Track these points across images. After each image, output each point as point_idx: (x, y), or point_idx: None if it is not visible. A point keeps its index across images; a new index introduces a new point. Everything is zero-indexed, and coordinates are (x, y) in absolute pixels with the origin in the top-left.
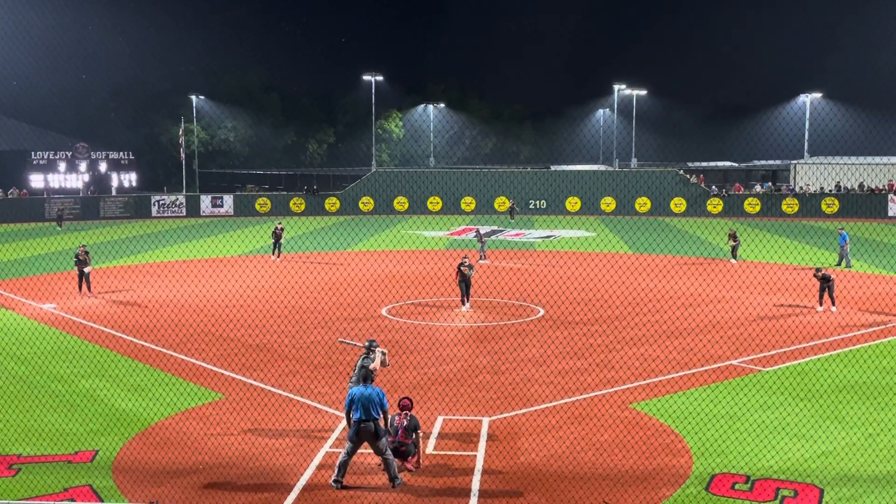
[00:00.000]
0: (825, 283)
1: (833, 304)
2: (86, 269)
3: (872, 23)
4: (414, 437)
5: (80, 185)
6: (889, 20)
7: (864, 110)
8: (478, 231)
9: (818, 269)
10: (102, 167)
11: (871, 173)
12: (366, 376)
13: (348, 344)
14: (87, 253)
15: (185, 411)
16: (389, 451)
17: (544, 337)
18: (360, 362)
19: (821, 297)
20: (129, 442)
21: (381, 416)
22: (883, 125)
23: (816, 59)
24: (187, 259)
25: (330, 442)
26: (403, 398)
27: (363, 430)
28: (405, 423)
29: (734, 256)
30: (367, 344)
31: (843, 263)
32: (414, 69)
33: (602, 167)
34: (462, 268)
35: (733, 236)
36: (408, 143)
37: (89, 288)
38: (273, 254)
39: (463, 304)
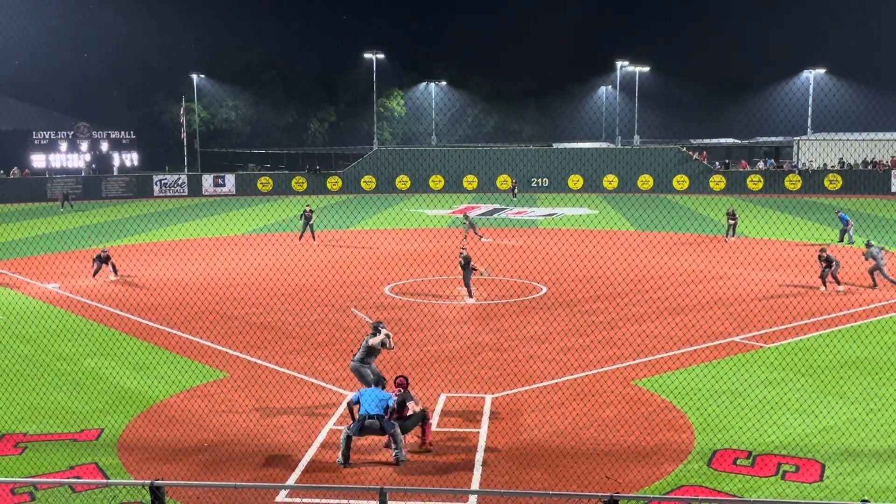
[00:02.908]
0: (827, 266)
1: (838, 283)
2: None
3: None
4: (410, 406)
5: (81, 164)
6: None
7: (868, 86)
8: (466, 215)
9: (823, 250)
10: (104, 147)
11: (875, 149)
12: (369, 352)
13: (359, 315)
14: (108, 257)
15: (190, 390)
16: (396, 427)
17: (547, 314)
18: (366, 341)
19: (823, 279)
20: (134, 420)
21: (385, 414)
22: (887, 101)
23: (820, 34)
24: (190, 238)
25: (334, 419)
26: (399, 376)
27: (368, 427)
28: (398, 400)
29: (733, 234)
30: (374, 323)
31: (846, 239)
32: (415, 47)
33: (604, 145)
34: (462, 259)
35: (731, 215)
36: (409, 121)
37: (115, 271)
38: (301, 236)
39: (469, 294)
